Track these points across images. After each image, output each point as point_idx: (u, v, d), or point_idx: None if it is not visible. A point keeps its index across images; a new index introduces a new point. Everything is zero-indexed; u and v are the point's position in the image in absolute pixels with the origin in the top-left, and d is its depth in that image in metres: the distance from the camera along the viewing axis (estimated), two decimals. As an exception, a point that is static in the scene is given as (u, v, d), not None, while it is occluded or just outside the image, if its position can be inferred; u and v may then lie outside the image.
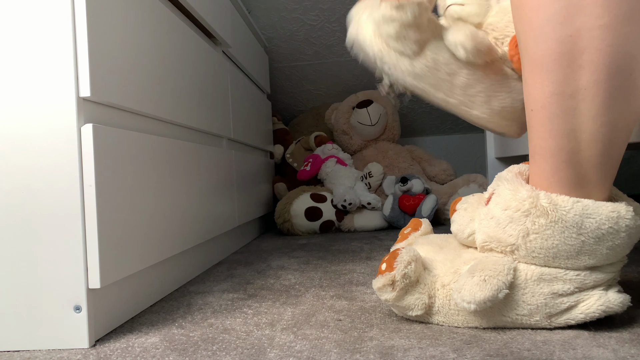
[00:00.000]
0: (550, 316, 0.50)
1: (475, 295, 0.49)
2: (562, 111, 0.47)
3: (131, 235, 0.60)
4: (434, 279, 0.54)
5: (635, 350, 0.45)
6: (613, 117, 0.46)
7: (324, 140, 1.64)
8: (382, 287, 0.54)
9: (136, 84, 0.64)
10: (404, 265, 0.53)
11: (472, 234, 0.55)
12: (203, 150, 0.89)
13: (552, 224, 0.48)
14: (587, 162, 0.48)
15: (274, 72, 1.87)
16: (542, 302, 0.50)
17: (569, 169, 0.49)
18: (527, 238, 0.49)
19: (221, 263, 1.00)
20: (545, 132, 0.49)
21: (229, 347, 0.51)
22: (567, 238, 0.48)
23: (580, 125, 0.47)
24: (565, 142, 0.48)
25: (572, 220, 0.47)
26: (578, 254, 0.48)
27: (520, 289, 0.50)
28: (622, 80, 0.45)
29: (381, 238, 1.25)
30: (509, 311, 0.51)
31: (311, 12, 1.70)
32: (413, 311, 0.54)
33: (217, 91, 1.01)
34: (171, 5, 0.82)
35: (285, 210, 1.40)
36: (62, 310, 0.52)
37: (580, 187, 0.49)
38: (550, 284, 0.49)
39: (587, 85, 0.46)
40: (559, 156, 0.49)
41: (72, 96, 0.52)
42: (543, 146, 0.50)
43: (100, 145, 0.53)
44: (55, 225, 0.52)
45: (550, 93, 0.47)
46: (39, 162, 0.52)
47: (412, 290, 0.54)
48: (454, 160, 2.04)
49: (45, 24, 0.52)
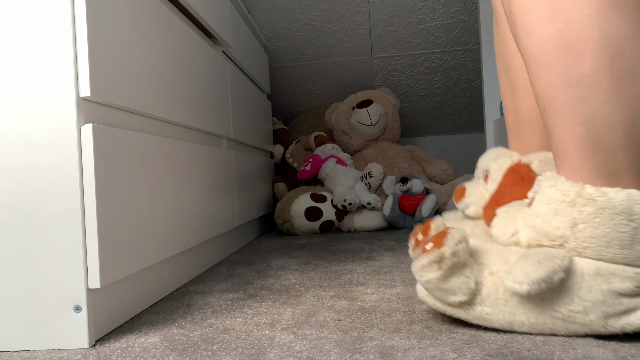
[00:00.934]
0: (607, 317, 0.46)
1: (530, 274, 0.46)
2: (571, 100, 0.48)
3: (131, 235, 0.60)
4: (481, 267, 0.51)
5: (635, 350, 0.45)
6: (626, 98, 0.46)
7: (324, 140, 1.64)
8: (426, 265, 0.50)
9: (136, 84, 0.64)
10: (455, 243, 0.49)
11: (516, 233, 0.52)
12: (203, 150, 0.89)
13: (601, 211, 0.46)
14: (612, 147, 0.47)
15: (274, 72, 1.87)
16: (599, 299, 0.46)
17: (595, 158, 0.48)
18: (576, 228, 0.47)
19: (221, 263, 1.00)
20: (562, 125, 0.49)
21: (229, 347, 0.51)
22: (617, 225, 0.46)
23: (593, 111, 0.47)
24: (583, 131, 0.48)
25: (621, 206, 0.45)
26: (632, 242, 0.45)
27: (575, 282, 0.47)
28: (623, 61, 0.46)
29: (381, 238, 1.25)
30: (561, 305, 0.47)
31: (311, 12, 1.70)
32: (457, 296, 0.50)
33: (217, 91, 1.01)
34: (171, 5, 0.82)
35: (285, 210, 1.40)
36: (62, 310, 0.52)
37: (612, 177, 0.48)
38: (608, 280, 0.46)
39: (590, 72, 0.46)
40: (581, 146, 0.48)
41: (72, 96, 0.52)
42: (564, 140, 0.49)
43: (100, 145, 0.53)
44: (55, 225, 0.52)
45: (556, 85, 0.48)
46: (39, 162, 0.52)
47: (458, 273, 0.50)
48: (454, 160, 2.04)
49: (46, 24, 0.52)
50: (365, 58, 1.82)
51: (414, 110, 1.96)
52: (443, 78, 1.85)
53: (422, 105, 1.94)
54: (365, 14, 1.70)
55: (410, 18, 1.70)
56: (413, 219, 1.40)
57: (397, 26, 1.72)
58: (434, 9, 1.68)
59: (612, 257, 0.46)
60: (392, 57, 1.81)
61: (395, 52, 1.79)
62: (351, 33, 1.75)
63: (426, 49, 1.78)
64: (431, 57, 1.80)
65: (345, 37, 1.76)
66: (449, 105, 1.94)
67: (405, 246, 1.10)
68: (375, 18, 1.71)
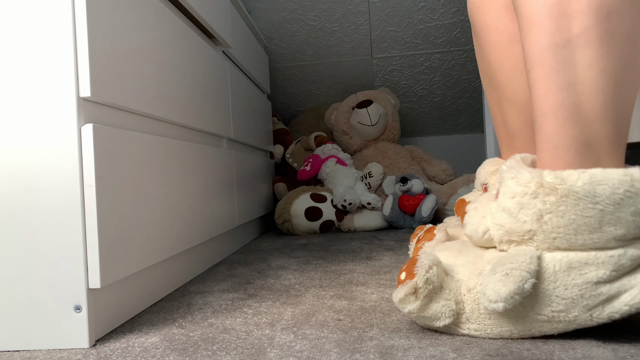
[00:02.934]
0: (589, 309, 0.45)
1: (500, 292, 0.45)
2: (557, 63, 0.48)
3: (131, 235, 0.60)
4: (458, 284, 0.51)
5: (635, 350, 0.45)
6: (610, 64, 0.46)
7: (324, 140, 1.64)
8: (404, 298, 0.50)
9: (136, 84, 0.64)
10: (426, 270, 0.49)
11: (487, 231, 0.52)
12: (203, 150, 0.89)
13: (564, 198, 0.45)
14: (591, 116, 0.47)
15: (274, 72, 1.87)
16: (577, 294, 0.45)
17: (572, 126, 0.47)
18: (542, 220, 0.46)
19: (221, 263, 1.00)
20: (545, 89, 0.49)
21: (229, 347, 0.51)
22: (583, 210, 0.45)
23: (577, 76, 0.47)
24: (565, 96, 0.47)
25: (583, 190, 0.45)
26: (600, 224, 0.45)
27: (551, 283, 0.46)
28: (612, 25, 0.46)
29: (381, 238, 1.25)
30: (542, 308, 0.47)
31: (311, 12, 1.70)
32: (440, 321, 0.50)
33: (217, 91, 1.01)
34: (171, 5, 0.82)
35: (285, 210, 1.40)
36: (62, 310, 0.52)
37: (587, 148, 0.47)
38: (582, 272, 0.45)
39: (579, 33, 0.46)
40: (561, 112, 0.48)
41: (72, 96, 0.52)
42: (544, 106, 0.49)
43: (100, 145, 0.53)
44: (55, 225, 0.52)
45: (545, 46, 0.48)
46: (39, 162, 0.52)
47: (437, 297, 0.50)
48: (454, 160, 2.04)
49: (46, 24, 0.52)
50: (365, 58, 1.82)
51: (414, 110, 1.96)
52: (443, 78, 1.85)
53: (422, 105, 1.94)
54: (365, 14, 1.70)
55: (410, 18, 1.70)
56: (413, 219, 1.40)
57: (397, 26, 1.72)
58: (434, 9, 1.68)
59: (583, 243, 0.46)
60: (392, 57, 1.81)
61: (395, 52, 1.79)
62: (351, 33, 1.75)
63: (426, 49, 1.78)
64: (431, 57, 1.80)
65: (345, 37, 1.76)
66: (449, 105, 1.94)
67: (405, 246, 1.10)
68: (375, 18, 1.71)
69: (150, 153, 0.66)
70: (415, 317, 0.51)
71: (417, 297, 0.49)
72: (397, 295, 0.50)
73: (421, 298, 0.49)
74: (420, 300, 0.49)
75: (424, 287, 0.49)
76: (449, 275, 0.52)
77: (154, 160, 0.67)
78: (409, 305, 0.50)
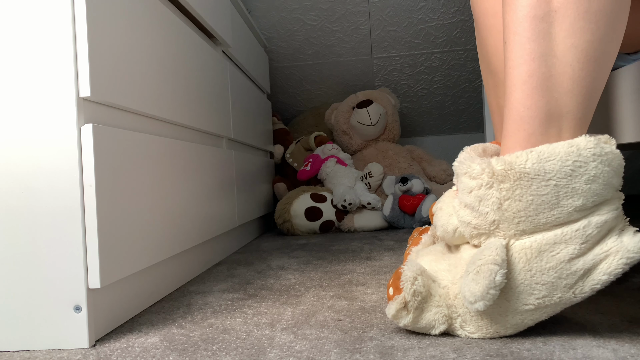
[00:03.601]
0: (570, 287, 0.46)
1: (475, 291, 0.46)
2: (534, 34, 0.48)
3: (131, 235, 0.60)
4: (446, 290, 0.51)
5: (635, 350, 0.45)
6: (583, 40, 0.47)
7: (324, 140, 1.64)
8: (396, 314, 0.50)
9: (136, 84, 0.64)
10: (411, 282, 0.49)
11: (456, 229, 0.53)
12: (203, 150, 0.89)
13: (517, 182, 0.46)
14: (558, 88, 0.48)
15: (274, 72, 1.87)
16: (554, 276, 0.46)
17: (540, 96, 0.48)
18: (502, 208, 0.47)
19: (221, 263, 1.00)
20: (518, 58, 0.50)
21: (229, 347, 0.51)
22: (537, 189, 0.46)
23: (551, 48, 0.48)
24: (536, 66, 0.48)
25: (533, 170, 0.46)
26: (558, 199, 0.46)
27: (527, 272, 0.47)
28: (591, 3, 0.47)
29: (381, 238, 1.25)
30: (527, 298, 0.47)
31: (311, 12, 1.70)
32: (436, 328, 0.50)
33: (217, 91, 1.01)
34: (171, 5, 0.82)
35: (285, 210, 1.40)
36: (62, 310, 0.52)
37: (551, 120, 0.48)
38: (554, 253, 0.46)
39: (558, 7, 0.48)
40: (530, 82, 0.49)
41: (72, 96, 0.52)
42: (514, 75, 0.50)
43: (100, 145, 0.53)
44: (55, 225, 0.52)
45: (523, 17, 0.49)
46: (39, 162, 0.52)
47: (428, 306, 0.50)
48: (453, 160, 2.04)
49: (46, 24, 0.52)
50: (365, 58, 1.82)
51: (414, 110, 1.96)
52: (443, 78, 1.85)
53: (422, 105, 1.94)
54: (365, 14, 1.70)
55: (410, 18, 1.70)
56: (413, 219, 1.39)
57: (397, 26, 1.72)
58: (434, 9, 1.68)
59: (546, 222, 0.46)
60: (392, 57, 1.81)
61: (395, 52, 1.79)
62: (351, 33, 1.75)
63: (426, 49, 1.78)
64: (431, 57, 1.80)
65: (345, 37, 1.76)
66: (449, 105, 1.94)
67: (405, 246, 1.10)
68: (375, 18, 1.71)
69: (150, 153, 0.66)
70: (411, 329, 0.52)
71: (408, 311, 0.50)
72: (389, 312, 0.51)
73: (412, 311, 0.50)
74: (412, 313, 0.50)
75: (413, 299, 0.49)
76: (436, 281, 0.52)
77: (154, 160, 0.67)
78: (402, 320, 0.50)
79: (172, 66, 0.76)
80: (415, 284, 0.49)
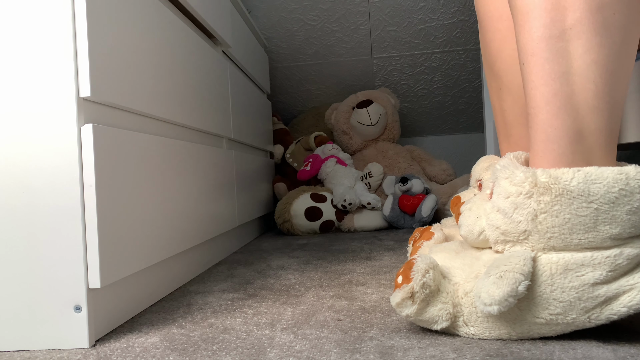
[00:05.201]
0: (587, 311, 0.45)
1: (494, 295, 0.45)
2: (552, 54, 0.48)
3: (131, 235, 0.60)
4: (455, 287, 0.51)
5: (635, 350, 0.45)
6: (601, 55, 0.47)
7: (324, 140, 1.64)
8: (401, 302, 0.50)
9: (136, 84, 0.64)
10: (422, 274, 0.49)
11: (482, 232, 0.52)
12: (203, 150, 0.89)
13: (558, 197, 0.45)
14: (583, 106, 0.47)
15: (274, 72, 1.87)
16: (574, 296, 0.45)
17: (565, 115, 0.48)
18: (537, 220, 0.46)
19: (221, 263, 1.00)
20: (538, 80, 0.49)
21: (229, 347, 0.51)
22: (577, 209, 0.45)
23: (570, 66, 0.47)
24: (558, 86, 0.48)
25: (577, 190, 0.45)
26: (595, 223, 0.45)
27: (548, 286, 0.46)
28: (604, 17, 0.47)
29: (381, 238, 1.25)
30: (540, 311, 0.46)
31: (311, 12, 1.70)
32: (438, 324, 0.50)
33: (217, 91, 1.01)
34: (171, 5, 0.82)
35: (285, 210, 1.40)
36: (62, 310, 0.52)
37: (580, 139, 0.48)
38: (579, 274, 0.45)
39: (573, 24, 0.47)
40: (554, 102, 0.48)
41: (72, 96, 0.52)
42: (537, 96, 0.49)
43: (100, 145, 0.53)
44: (55, 225, 0.52)
45: (539, 38, 0.49)
46: (39, 162, 0.52)
47: (434, 301, 0.50)
48: (454, 160, 2.04)
49: (46, 24, 0.52)
50: (365, 58, 1.82)
51: (414, 110, 1.96)
52: (443, 78, 1.85)
53: (422, 105, 1.94)
54: (365, 14, 1.70)
55: (410, 18, 1.70)
56: (413, 219, 1.39)
57: (397, 26, 1.72)
58: (433, 9, 1.68)
59: (578, 243, 0.45)
60: (392, 57, 1.81)
61: (395, 52, 1.79)
62: (351, 33, 1.75)
63: (426, 49, 1.78)
64: (431, 57, 1.80)
65: (345, 37, 1.76)
66: (449, 105, 1.94)
67: (405, 246, 1.10)
68: (375, 18, 1.71)
69: (150, 153, 0.66)
70: (413, 320, 0.51)
71: (414, 301, 0.49)
72: (394, 299, 0.51)
73: (418, 302, 0.49)
74: (417, 304, 0.49)
75: (421, 291, 0.49)
76: (446, 278, 0.52)
77: (154, 160, 0.67)
78: (406, 309, 0.50)
79: (172, 66, 0.76)
80: (425, 277, 0.49)
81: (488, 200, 0.53)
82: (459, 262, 0.54)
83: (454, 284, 0.51)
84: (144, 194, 0.63)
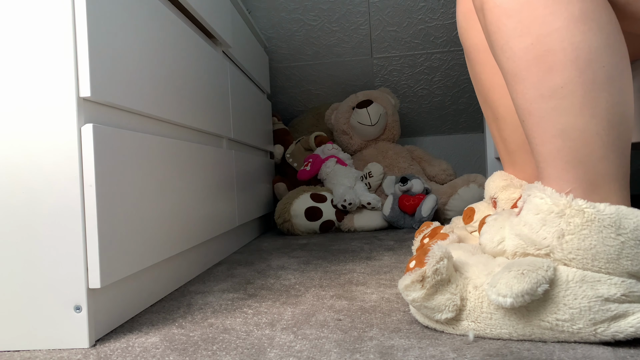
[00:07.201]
0: (595, 324, 0.45)
1: (513, 287, 0.45)
2: (547, 113, 0.48)
3: (131, 235, 0.60)
4: (466, 281, 0.51)
5: (635, 350, 0.45)
6: (600, 109, 0.47)
7: (324, 140, 1.64)
8: (410, 285, 0.50)
9: (136, 84, 0.64)
10: (436, 261, 0.49)
11: (502, 241, 0.52)
12: (203, 150, 0.89)
13: (589, 223, 0.46)
14: (590, 158, 0.47)
15: (274, 72, 1.87)
16: (585, 305, 0.45)
17: (574, 169, 0.48)
18: (563, 239, 0.46)
19: (221, 263, 1.00)
20: (540, 137, 0.49)
21: (229, 347, 0.51)
22: (605, 238, 0.45)
23: (569, 123, 0.47)
24: (560, 143, 0.48)
25: (609, 219, 0.45)
26: (619, 257, 0.45)
27: (561, 290, 0.46)
28: (595, 73, 0.46)
29: (381, 238, 1.25)
30: (548, 315, 0.46)
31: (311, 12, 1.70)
32: (443, 313, 0.49)
33: (217, 91, 1.01)
34: (171, 5, 0.82)
35: (285, 210, 1.40)
36: (62, 310, 0.52)
37: (593, 187, 0.48)
38: (594, 287, 0.45)
39: (563, 83, 0.47)
40: (560, 158, 0.48)
41: (73, 96, 0.52)
42: (543, 152, 0.50)
43: (100, 145, 0.53)
44: (55, 225, 0.52)
45: (531, 98, 0.49)
46: (40, 162, 0.52)
47: (443, 290, 0.49)
48: (454, 160, 2.04)
49: (46, 25, 0.52)
50: (365, 58, 1.82)
51: (414, 110, 1.96)
52: (443, 78, 1.85)
53: (422, 105, 1.94)
54: (365, 14, 1.70)
55: (410, 18, 1.70)
56: (413, 219, 1.39)
57: (397, 26, 1.72)
58: (434, 9, 1.68)
59: (598, 270, 0.46)
60: (392, 57, 1.81)
61: (395, 52, 1.79)
62: (351, 33, 1.75)
63: (426, 49, 1.78)
64: (431, 57, 1.80)
65: (345, 37, 1.76)
66: (448, 105, 1.94)
67: (405, 246, 1.10)
68: (375, 18, 1.71)
69: (150, 153, 0.66)
70: (418, 306, 0.51)
71: (423, 286, 0.49)
72: (403, 282, 0.50)
73: (427, 287, 0.49)
74: (426, 289, 0.49)
75: (432, 276, 0.49)
76: (459, 271, 0.52)
77: (154, 160, 0.67)
78: (413, 293, 0.50)
79: (172, 66, 0.76)
80: (440, 263, 0.49)
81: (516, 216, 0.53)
82: (474, 260, 0.54)
83: (466, 277, 0.51)
84: (144, 194, 0.63)
